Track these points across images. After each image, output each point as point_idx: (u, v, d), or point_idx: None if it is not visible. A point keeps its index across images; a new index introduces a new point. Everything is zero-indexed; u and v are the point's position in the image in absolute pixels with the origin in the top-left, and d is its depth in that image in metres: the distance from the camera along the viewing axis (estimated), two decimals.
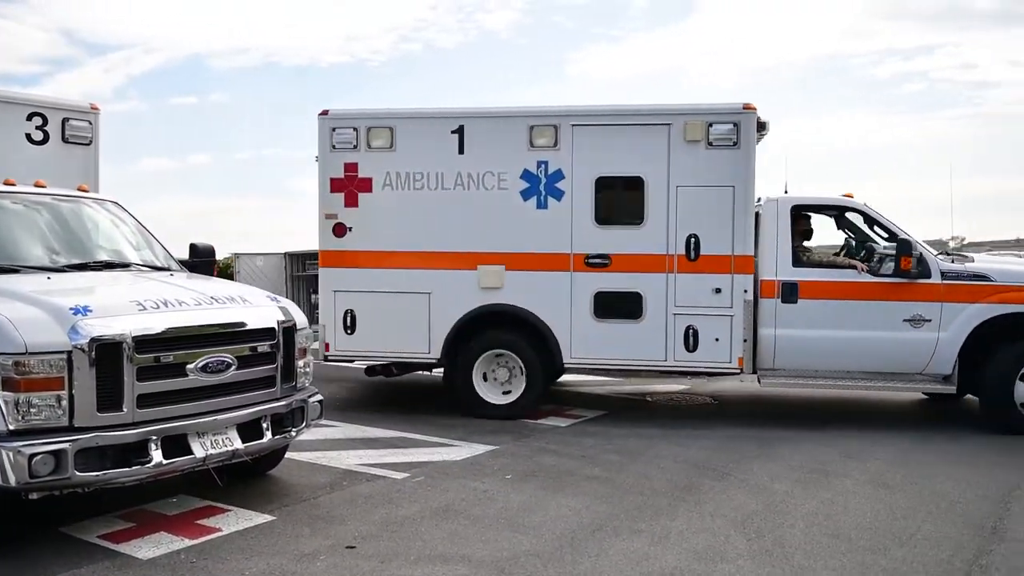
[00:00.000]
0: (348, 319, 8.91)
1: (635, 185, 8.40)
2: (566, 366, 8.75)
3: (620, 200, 8.53)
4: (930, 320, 8.03)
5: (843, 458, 7.09)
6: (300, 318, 6.04)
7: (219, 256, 8.50)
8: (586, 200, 8.44)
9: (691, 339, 8.32)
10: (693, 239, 8.26)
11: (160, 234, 6.92)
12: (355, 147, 8.80)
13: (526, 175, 8.53)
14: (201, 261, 7.03)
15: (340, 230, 8.89)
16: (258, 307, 5.78)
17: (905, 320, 8.09)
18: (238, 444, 5.29)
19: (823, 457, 7.12)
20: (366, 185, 8.80)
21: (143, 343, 4.86)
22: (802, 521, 5.45)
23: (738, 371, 8.35)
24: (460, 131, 8.59)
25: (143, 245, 6.70)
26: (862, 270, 8.28)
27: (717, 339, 8.28)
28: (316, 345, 8.18)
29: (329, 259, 9.05)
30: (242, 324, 5.48)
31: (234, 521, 5.38)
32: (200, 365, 5.11)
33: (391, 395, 10.49)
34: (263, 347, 5.55)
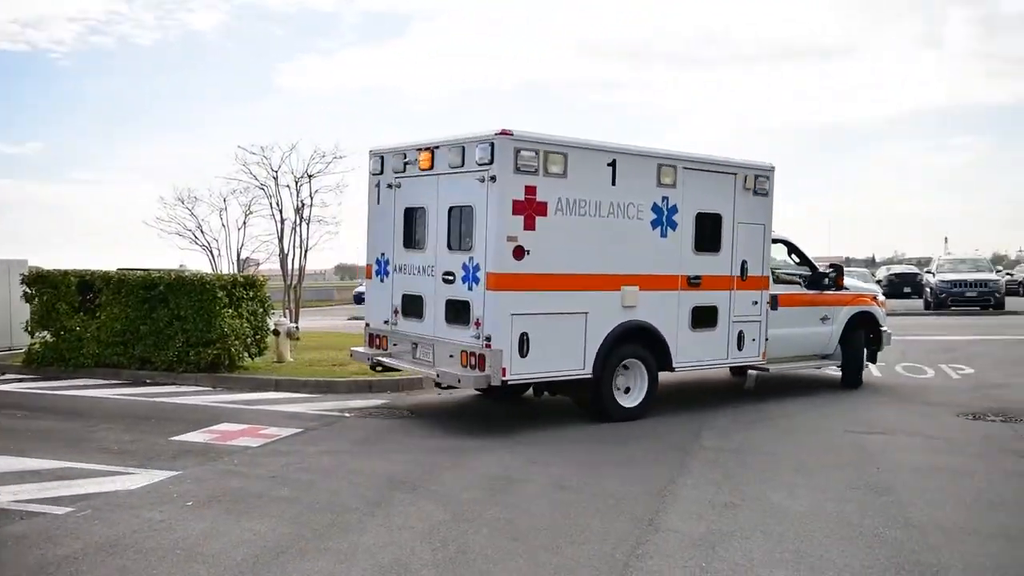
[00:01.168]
0: (523, 342, 8.68)
1: (717, 221, 10.27)
2: (675, 369, 10.04)
3: (707, 232, 10.19)
4: (830, 318, 11.94)
5: (528, 464, 7.49)
6: None
7: None
8: (689, 231, 9.98)
9: (740, 341, 10.56)
10: (744, 264, 10.51)
11: None
12: (535, 171, 8.69)
13: (655, 207, 9.69)
14: None
15: (519, 253, 8.64)
16: None
17: (820, 318, 11.87)
18: None
19: (510, 464, 7.47)
20: (543, 209, 8.77)
21: None
22: (486, 527, 5.66)
23: (763, 362, 10.93)
24: (613, 164, 9.27)
25: None
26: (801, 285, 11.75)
27: (754, 339, 10.71)
28: (487, 371, 8.56)
29: (507, 282, 8.62)
30: None
31: None
32: None
33: (58, 421, 9.44)
34: None
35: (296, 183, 18.82)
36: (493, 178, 8.54)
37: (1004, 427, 9.29)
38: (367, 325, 10.74)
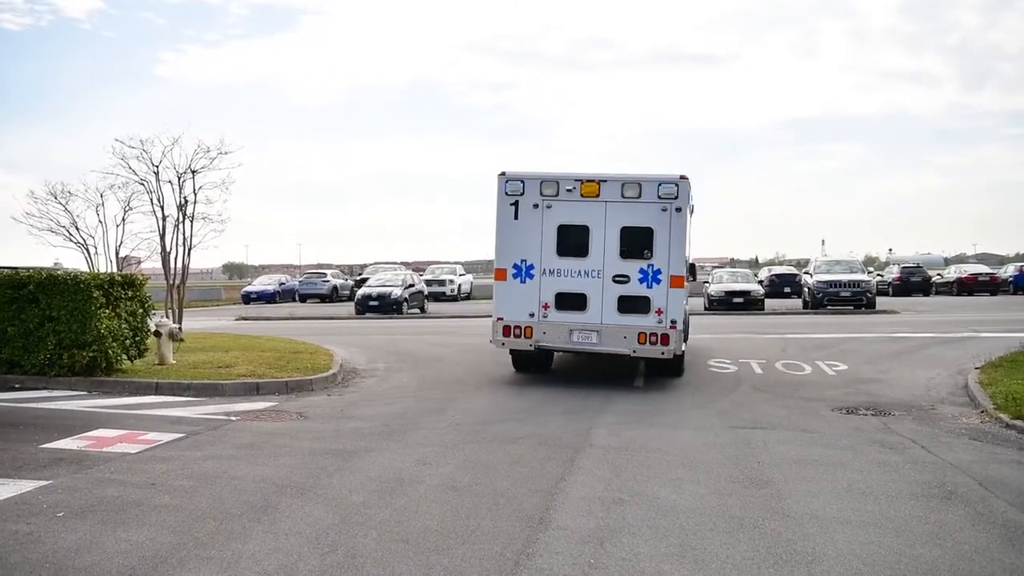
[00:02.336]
0: (686, 324, 13.24)
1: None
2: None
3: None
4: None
5: (419, 465, 7.43)
6: None
7: None
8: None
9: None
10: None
11: None
12: (692, 208, 13.18)
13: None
14: None
15: (686, 263, 12.69)
16: None
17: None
18: None
19: (401, 466, 7.40)
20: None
21: None
22: (375, 530, 5.59)
23: None
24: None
25: None
26: None
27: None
28: (671, 346, 11.99)
29: (680, 282, 12.11)
30: None
31: None
32: None
33: None
34: None
35: (179, 179, 18.15)
36: (678, 209, 11.90)
37: (874, 420, 9.80)
38: (500, 319, 12.58)
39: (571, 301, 12.28)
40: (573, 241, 12.32)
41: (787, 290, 39.49)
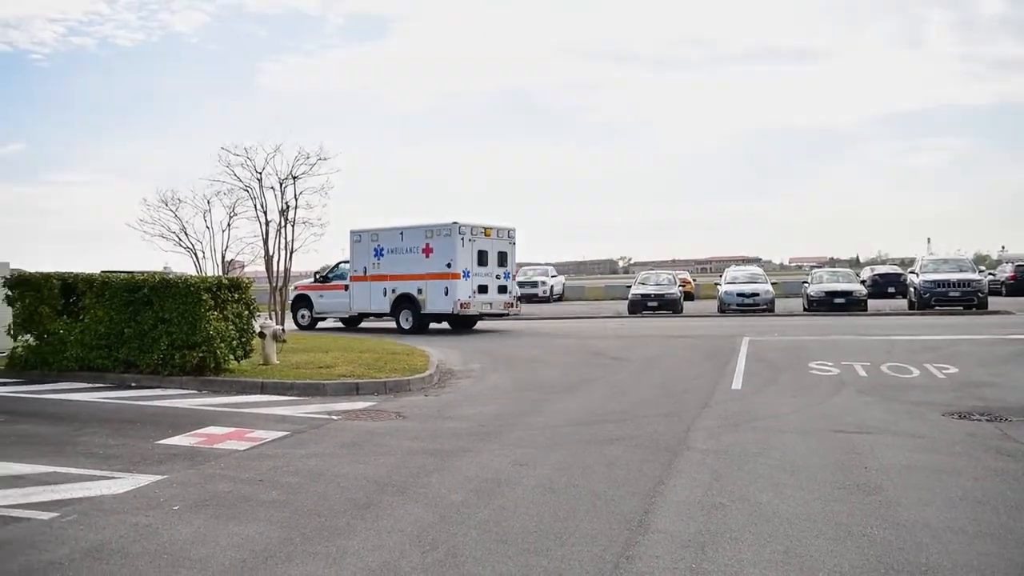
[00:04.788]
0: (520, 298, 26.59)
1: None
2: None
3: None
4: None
5: (516, 466, 7.47)
6: None
7: None
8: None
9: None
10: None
11: None
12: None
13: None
14: None
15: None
16: None
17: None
18: None
19: (498, 466, 7.45)
20: None
21: None
22: (475, 530, 5.64)
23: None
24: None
25: None
26: None
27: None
28: (518, 309, 25.02)
29: (516, 276, 25.13)
30: None
31: None
32: None
33: (42, 425, 9.36)
34: None
35: (280, 185, 18.79)
36: (513, 243, 24.33)
37: (989, 426, 9.35)
38: (458, 300, 22.28)
39: (482, 289, 23.07)
40: (481, 259, 23.07)
41: (891, 290, 38.12)
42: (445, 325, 24.55)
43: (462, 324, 24.37)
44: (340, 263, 25.22)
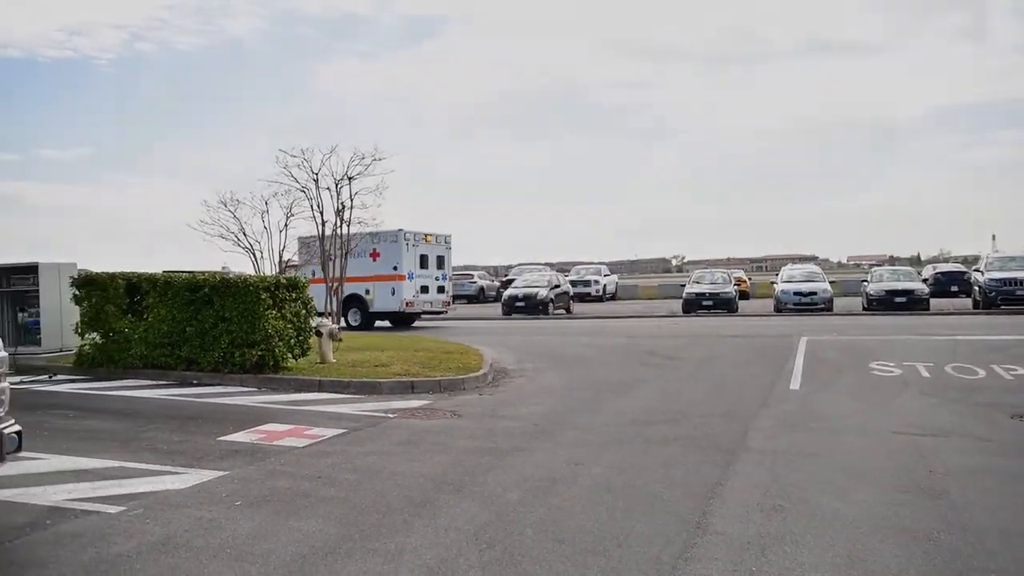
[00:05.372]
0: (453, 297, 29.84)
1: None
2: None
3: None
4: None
5: (571, 465, 7.45)
6: None
7: None
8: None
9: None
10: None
11: None
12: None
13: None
14: None
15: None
16: None
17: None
18: None
19: (553, 465, 7.44)
20: None
21: None
22: (531, 529, 5.64)
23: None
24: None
25: None
26: None
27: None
28: (451, 308, 27.93)
29: (451, 279, 28.82)
30: None
31: None
32: None
33: (109, 421, 9.63)
34: None
35: (336, 185, 19.03)
36: (449, 248, 27.24)
37: None
38: (403, 299, 24.95)
39: (423, 289, 25.67)
40: (423, 262, 25.73)
41: (954, 289, 37.11)
42: (387, 323, 26.88)
43: (404, 321, 26.92)
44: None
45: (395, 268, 24.86)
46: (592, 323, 27.83)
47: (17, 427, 5.50)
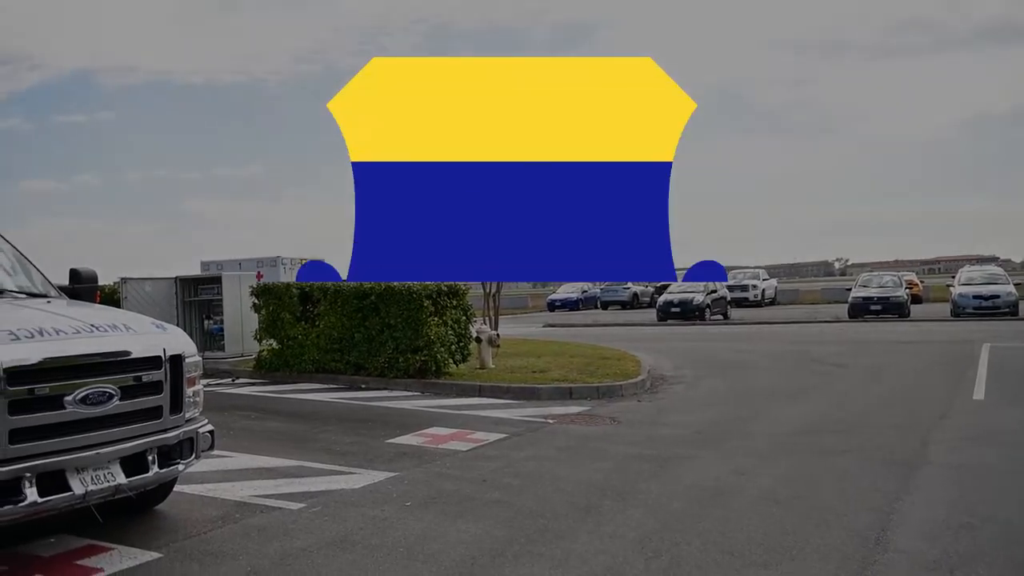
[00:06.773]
0: None
1: None
2: None
3: None
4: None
5: (736, 475, 7.26)
6: (188, 346, 5.82)
7: (104, 281, 8.08)
8: None
9: None
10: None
11: (43, 259, 6.61)
12: None
13: None
14: (83, 287, 6.72)
15: None
16: (143, 335, 5.54)
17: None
18: (121, 479, 5.05)
19: (717, 475, 7.28)
20: None
21: (16, 375, 4.59)
22: (698, 539, 5.54)
23: None
24: None
25: (18, 271, 6.36)
26: None
27: None
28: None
29: None
30: (125, 353, 5.24)
31: (117, 560, 5.12)
32: (79, 397, 4.86)
33: (287, 422, 10.22)
34: (148, 377, 5.33)
35: None
36: None
37: None
38: None
39: None
40: None
41: None
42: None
43: None
44: None
45: None
46: (751, 329, 27.03)
47: (210, 427, 5.94)
